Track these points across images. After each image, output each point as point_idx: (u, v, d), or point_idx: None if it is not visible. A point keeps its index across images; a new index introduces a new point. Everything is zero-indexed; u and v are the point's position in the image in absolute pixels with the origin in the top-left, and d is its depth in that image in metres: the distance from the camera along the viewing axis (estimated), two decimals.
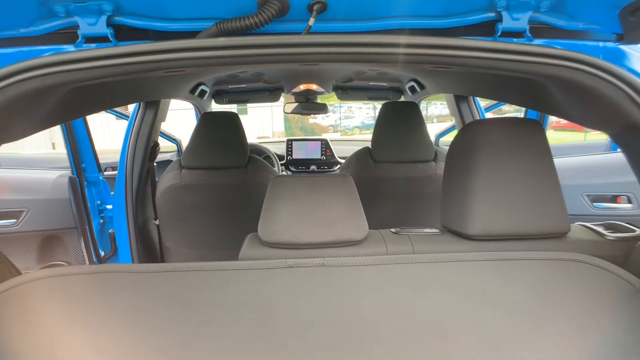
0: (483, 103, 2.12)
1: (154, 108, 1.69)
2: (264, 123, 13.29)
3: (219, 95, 2.40)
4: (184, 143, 2.62)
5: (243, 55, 0.63)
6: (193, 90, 1.89)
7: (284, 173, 2.93)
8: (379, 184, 1.55)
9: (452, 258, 0.68)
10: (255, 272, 0.67)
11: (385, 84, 2.30)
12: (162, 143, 1.90)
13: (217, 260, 0.71)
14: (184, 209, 1.52)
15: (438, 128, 2.80)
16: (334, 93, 2.56)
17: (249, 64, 0.66)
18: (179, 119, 3.42)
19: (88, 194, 1.92)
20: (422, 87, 1.97)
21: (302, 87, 2.27)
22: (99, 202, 2.01)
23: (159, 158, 1.89)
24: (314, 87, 2.28)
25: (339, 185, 0.82)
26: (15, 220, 1.79)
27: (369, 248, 0.79)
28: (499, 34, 0.70)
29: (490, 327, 0.59)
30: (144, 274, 0.68)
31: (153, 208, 1.80)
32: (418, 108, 1.61)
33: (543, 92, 0.81)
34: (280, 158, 2.97)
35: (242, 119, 1.54)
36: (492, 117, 2.55)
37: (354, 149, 1.72)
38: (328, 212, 0.78)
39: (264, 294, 0.64)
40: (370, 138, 1.62)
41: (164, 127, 1.95)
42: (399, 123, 1.55)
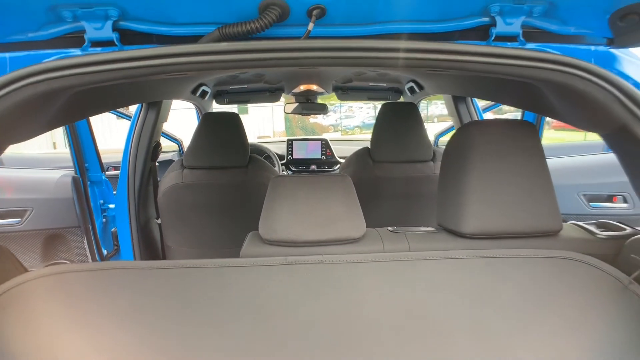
0: (482, 103, 2.13)
1: (156, 109, 1.71)
2: (265, 123, 13.28)
3: (220, 96, 2.42)
4: (185, 143, 2.64)
5: (244, 60, 0.65)
6: (194, 91, 1.90)
7: (285, 173, 2.95)
8: (378, 184, 1.56)
9: (446, 255, 0.70)
10: (256, 268, 0.69)
11: (385, 85, 2.32)
12: (163, 143, 1.92)
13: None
14: (186, 209, 1.53)
15: (438, 127, 2.81)
16: (334, 93, 2.58)
17: (250, 68, 0.68)
18: (180, 119, 3.44)
19: (91, 194, 1.93)
20: (421, 87, 1.98)
21: (302, 87, 2.28)
22: (102, 201, 2.02)
23: (161, 158, 1.90)
24: (314, 87, 2.29)
25: (338, 185, 0.84)
26: (20, 219, 1.80)
27: (367, 246, 0.80)
28: (493, 38, 0.72)
29: (484, 322, 0.61)
30: (146, 271, 0.69)
31: (155, 207, 1.82)
32: (417, 108, 1.62)
33: (537, 94, 0.83)
34: (281, 158, 2.98)
35: (242, 119, 1.55)
36: (492, 116, 2.56)
37: (354, 149, 1.72)
38: (327, 211, 0.80)
39: (265, 290, 0.66)
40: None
41: (165, 127, 1.96)
42: (398, 123, 1.56)
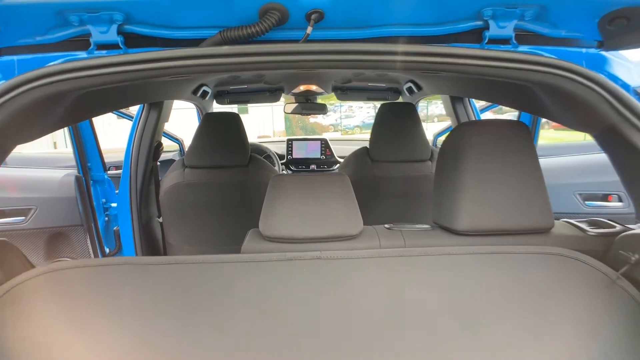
0: (482, 102, 2.15)
1: (158, 109, 1.73)
2: (265, 122, 13.30)
3: (221, 96, 2.44)
4: (186, 142, 2.66)
5: (245, 62, 0.68)
6: (195, 91, 1.92)
7: (284, 172, 2.97)
8: (377, 183, 1.58)
9: (440, 252, 0.72)
10: (257, 264, 0.72)
11: (384, 85, 2.34)
12: (164, 143, 1.94)
13: None
14: (187, 207, 1.55)
15: (438, 127, 2.83)
16: (334, 93, 2.60)
17: (251, 70, 0.70)
18: (180, 119, 3.46)
19: (93, 193, 1.96)
20: (419, 88, 2.00)
21: (302, 88, 2.30)
22: (104, 200, 2.05)
23: (162, 157, 1.92)
24: (314, 88, 2.31)
25: (336, 184, 0.86)
26: (24, 218, 1.83)
27: (363, 242, 0.82)
28: (486, 41, 0.74)
29: (475, 315, 0.64)
30: (149, 267, 0.72)
31: (157, 206, 1.85)
32: (415, 109, 1.64)
33: (531, 95, 0.85)
34: (281, 157, 3.00)
35: (242, 119, 1.56)
36: (491, 116, 2.58)
37: (354, 149, 1.74)
38: (325, 208, 0.82)
39: (265, 284, 0.69)
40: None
41: (166, 127, 1.98)
42: (397, 123, 1.57)
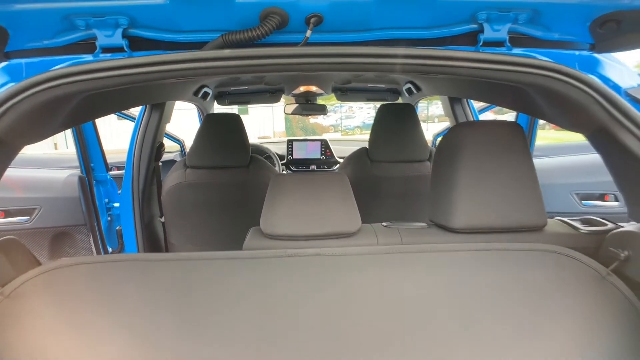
0: (481, 103, 2.16)
1: (160, 110, 1.75)
2: (265, 123, 13.32)
3: (221, 97, 2.46)
4: (187, 143, 2.68)
5: (246, 65, 0.70)
6: (196, 92, 1.95)
7: (285, 172, 2.99)
8: (376, 183, 1.60)
9: (436, 249, 0.74)
10: (258, 260, 0.74)
11: (383, 86, 2.35)
12: (166, 143, 1.96)
13: None
14: (189, 207, 1.57)
15: (439, 127, 2.85)
16: (333, 94, 2.62)
17: (252, 73, 0.72)
18: (181, 119, 3.47)
19: (96, 193, 1.98)
20: (418, 88, 2.02)
21: (302, 88, 2.32)
22: (107, 200, 2.07)
23: (163, 158, 1.95)
24: (314, 88, 2.33)
25: (335, 183, 0.88)
26: (29, 217, 1.85)
27: (361, 240, 0.85)
28: (481, 44, 0.76)
29: (469, 310, 0.66)
30: (152, 263, 0.74)
31: (159, 206, 1.87)
32: (414, 109, 1.66)
33: (526, 97, 0.87)
34: (281, 158, 3.02)
35: (243, 119, 1.58)
36: (492, 116, 2.59)
37: (354, 149, 1.76)
38: (324, 207, 0.84)
39: (265, 281, 0.71)
40: None
41: (167, 127, 2.00)
42: (396, 124, 1.59)
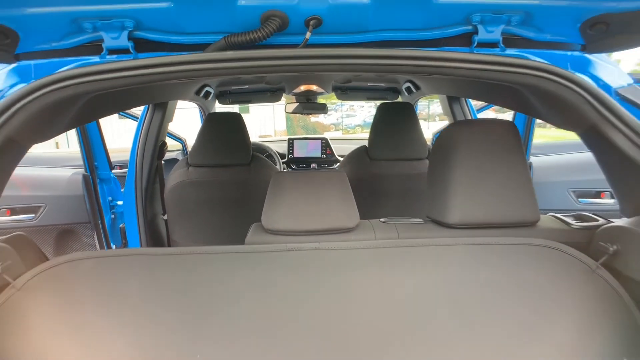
0: (479, 101, 2.18)
1: (162, 109, 1.78)
2: (266, 122, 13.35)
3: (223, 96, 2.48)
4: (189, 142, 2.71)
5: (248, 67, 0.72)
6: (198, 92, 1.97)
7: (286, 170, 3.01)
8: (375, 181, 1.62)
9: (431, 243, 0.77)
10: (259, 254, 0.76)
11: (383, 85, 2.37)
12: (168, 142, 1.99)
13: None
14: (191, 205, 1.60)
15: (440, 126, 2.87)
16: (334, 93, 2.64)
17: (253, 74, 0.75)
18: (182, 118, 3.49)
19: (100, 191, 2.01)
20: (417, 87, 2.04)
21: (302, 88, 2.34)
22: (110, 198, 2.10)
23: (165, 157, 1.97)
24: (314, 87, 2.35)
25: (334, 180, 0.91)
26: (34, 215, 1.88)
27: (359, 235, 0.87)
28: (475, 45, 0.78)
29: (462, 302, 0.69)
30: (158, 257, 0.76)
31: (161, 204, 1.90)
32: (413, 108, 1.68)
33: (521, 96, 0.89)
34: (282, 156, 3.04)
35: (244, 118, 1.60)
36: (492, 114, 2.61)
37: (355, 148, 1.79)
38: (323, 203, 0.87)
39: (266, 273, 0.74)
40: None
41: (169, 126, 2.03)
42: (395, 123, 1.61)
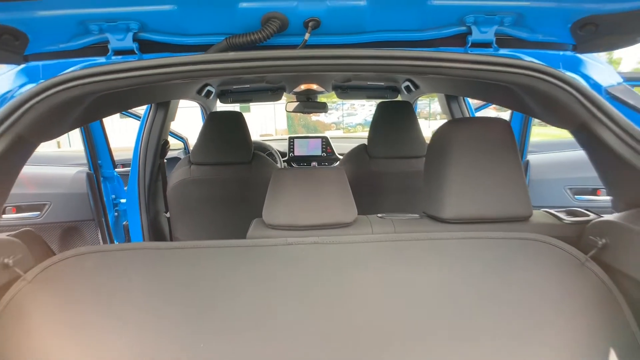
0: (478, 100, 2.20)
1: (165, 108, 1.81)
2: (267, 121, 13.38)
3: (224, 95, 2.50)
4: (190, 141, 2.73)
5: (249, 67, 0.75)
6: (200, 91, 2.00)
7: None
8: (374, 178, 1.65)
9: (426, 237, 0.79)
10: (260, 249, 0.79)
11: (382, 84, 2.39)
12: (170, 141, 2.02)
13: None
14: (193, 202, 1.63)
15: (440, 124, 2.88)
16: (334, 92, 2.66)
17: (254, 74, 0.77)
18: (183, 117, 3.51)
19: (104, 189, 2.04)
20: (416, 86, 2.06)
21: (303, 87, 2.36)
22: (114, 196, 2.13)
23: (167, 155, 2.00)
24: (315, 87, 2.37)
25: (332, 177, 0.93)
26: (39, 213, 1.92)
27: (357, 229, 0.90)
28: (469, 45, 0.81)
29: (455, 293, 0.71)
30: (162, 251, 0.79)
31: (164, 201, 1.92)
32: (412, 107, 1.70)
33: (515, 94, 0.92)
34: (283, 155, 3.07)
35: (245, 117, 1.63)
36: (493, 112, 2.62)
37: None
38: (322, 199, 0.89)
39: (267, 266, 0.76)
40: None
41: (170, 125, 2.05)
42: (394, 121, 1.64)
